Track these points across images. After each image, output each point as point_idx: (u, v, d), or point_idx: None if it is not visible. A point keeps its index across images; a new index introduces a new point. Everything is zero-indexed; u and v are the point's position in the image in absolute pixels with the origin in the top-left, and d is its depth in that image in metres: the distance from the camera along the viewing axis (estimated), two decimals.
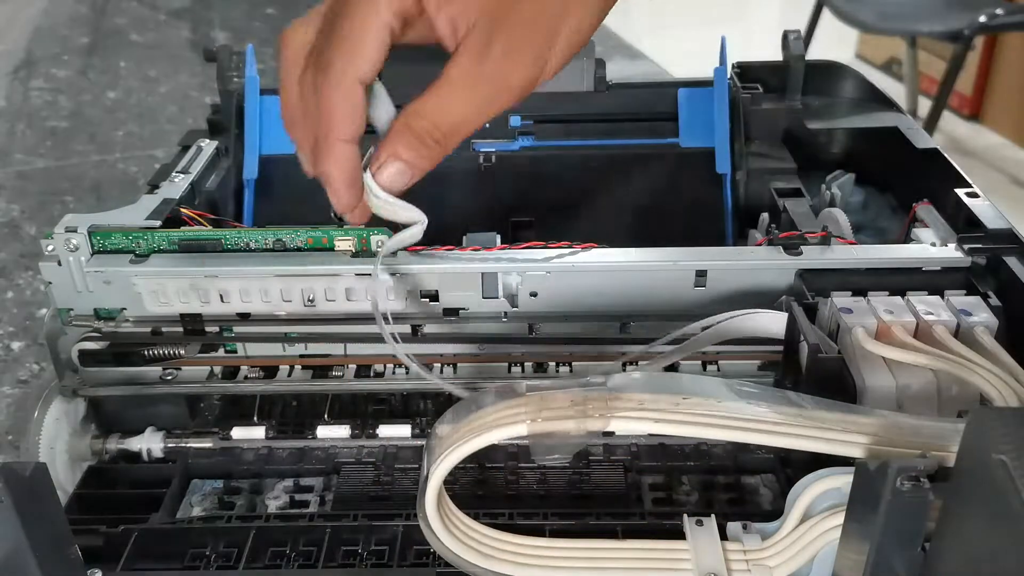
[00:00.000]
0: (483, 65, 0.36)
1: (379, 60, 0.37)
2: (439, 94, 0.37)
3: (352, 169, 0.39)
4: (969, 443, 0.28)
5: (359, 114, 0.38)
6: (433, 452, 0.36)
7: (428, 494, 0.36)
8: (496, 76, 0.37)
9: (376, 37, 0.36)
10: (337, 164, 0.38)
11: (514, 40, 0.36)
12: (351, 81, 0.37)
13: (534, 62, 0.37)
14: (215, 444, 0.49)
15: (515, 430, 0.36)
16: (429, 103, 0.37)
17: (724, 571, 0.38)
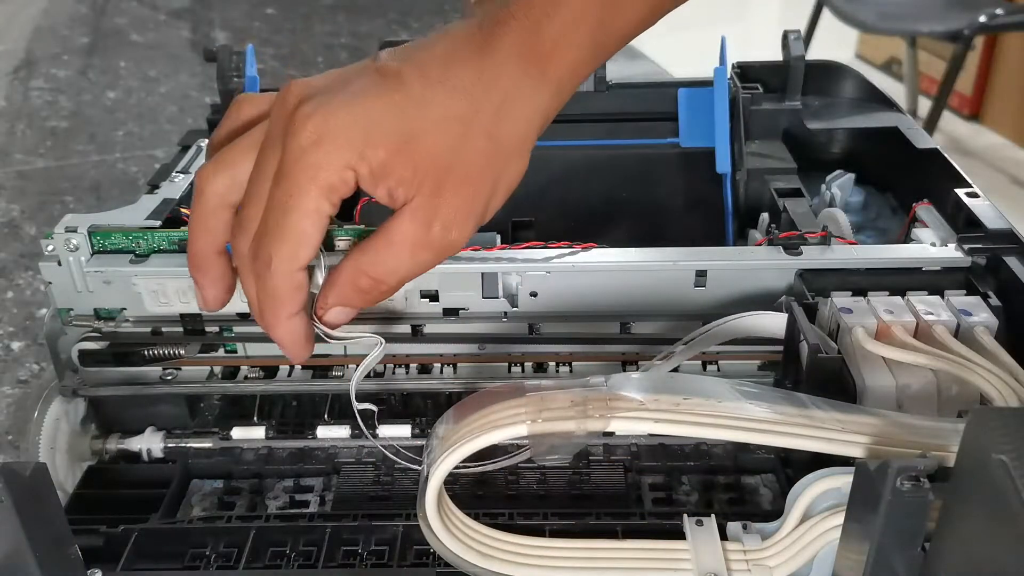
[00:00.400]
0: (428, 235, 0.36)
1: (319, 243, 0.37)
2: (383, 254, 0.37)
3: (303, 332, 0.39)
4: (969, 443, 0.28)
5: (304, 290, 0.38)
6: (433, 452, 0.36)
7: (428, 494, 0.36)
8: (439, 243, 0.36)
9: (316, 229, 0.36)
10: (289, 334, 0.38)
11: (458, 212, 0.36)
12: (295, 270, 0.36)
13: (476, 223, 0.37)
14: (215, 444, 0.49)
15: (515, 430, 0.36)
16: (374, 261, 0.37)
17: (724, 571, 0.38)
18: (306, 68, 1.45)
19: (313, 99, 0.36)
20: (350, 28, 1.62)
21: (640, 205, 0.64)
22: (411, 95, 0.35)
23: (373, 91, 0.35)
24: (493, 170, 0.37)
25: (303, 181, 0.35)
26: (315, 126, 0.35)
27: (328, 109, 0.35)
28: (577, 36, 0.37)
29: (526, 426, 0.36)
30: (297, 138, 0.35)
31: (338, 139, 0.34)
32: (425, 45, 0.37)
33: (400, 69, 0.36)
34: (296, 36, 1.58)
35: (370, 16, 1.67)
